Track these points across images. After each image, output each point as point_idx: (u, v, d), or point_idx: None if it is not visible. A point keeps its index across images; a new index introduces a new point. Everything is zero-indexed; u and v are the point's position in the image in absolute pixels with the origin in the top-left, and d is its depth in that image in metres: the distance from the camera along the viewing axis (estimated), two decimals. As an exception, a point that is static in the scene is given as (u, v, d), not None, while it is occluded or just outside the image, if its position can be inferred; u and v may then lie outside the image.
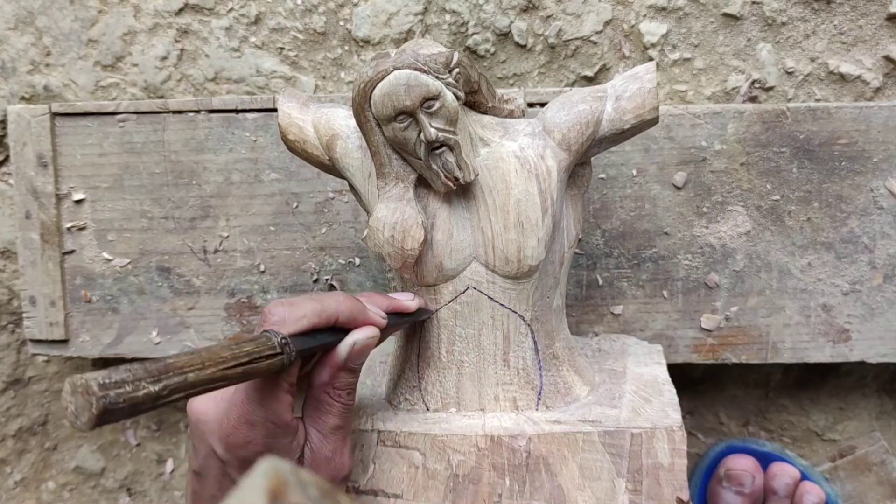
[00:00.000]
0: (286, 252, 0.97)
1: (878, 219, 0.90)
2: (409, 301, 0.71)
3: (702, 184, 0.92)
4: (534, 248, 0.68)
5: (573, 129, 0.69)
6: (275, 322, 0.59)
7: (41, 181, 0.97)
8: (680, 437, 0.67)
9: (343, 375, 0.63)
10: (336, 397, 0.63)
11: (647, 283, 0.93)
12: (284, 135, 0.74)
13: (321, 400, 0.63)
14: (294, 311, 0.60)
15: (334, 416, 0.64)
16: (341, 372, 0.63)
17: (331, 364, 0.63)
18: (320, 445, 0.63)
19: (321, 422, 0.64)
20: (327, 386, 0.63)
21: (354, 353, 0.63)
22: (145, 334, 0.99)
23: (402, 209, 0.67)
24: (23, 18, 1.04)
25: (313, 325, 0.60)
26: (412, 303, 0.71)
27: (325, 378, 0.63)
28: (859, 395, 1.02)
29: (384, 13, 0.99)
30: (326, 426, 0.63)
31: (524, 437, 0.68)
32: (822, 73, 0.96)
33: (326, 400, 0.63)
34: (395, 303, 0.69)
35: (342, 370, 0.63)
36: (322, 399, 0.63)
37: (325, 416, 0.63)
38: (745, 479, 0.93)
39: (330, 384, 0.63)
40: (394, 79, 0.63)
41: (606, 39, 0.98)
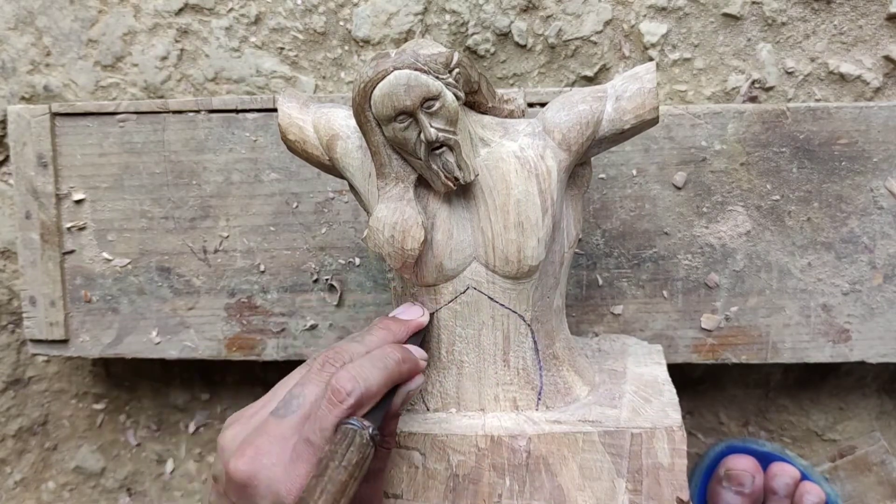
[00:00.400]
0: (286, 252, 0.97)
1: (878, 219, 0.90)
2: (422, 317, 0.71)
3: (702, 184, 0.92)
4: (534, 248, 0.68)
5: (573, 129, 0.69)
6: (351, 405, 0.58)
7: (41, 181, 0.97)
8: (680, 437, 0.67)
9: (393, 423, 0.65)
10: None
11: (647, 283, 0.93)
12: (284, 135, 0.74)
13: None
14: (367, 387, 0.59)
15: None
16: (393, 420, 0.64)
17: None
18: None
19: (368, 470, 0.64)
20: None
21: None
22: (145, 334, 0.99)
23: (402, 209, 0.67)
24: (23, 18, 1.04)
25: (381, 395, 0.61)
26: (424, 318, 0.71)
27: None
28: (859, 395, 1.02)
29: (384, 13, 0.99)
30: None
31: (524, 437, 0.68)
32: (822, 73, 0.96)
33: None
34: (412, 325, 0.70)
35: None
36: None
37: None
38: (745, 479, 0.93)
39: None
40: (394, 79, 0.63)
41: (606, 39, 0.98)
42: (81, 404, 1.14)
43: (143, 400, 1.13)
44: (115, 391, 1.13)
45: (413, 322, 0.70)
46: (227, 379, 1.11)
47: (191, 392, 1.11)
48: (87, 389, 1.13)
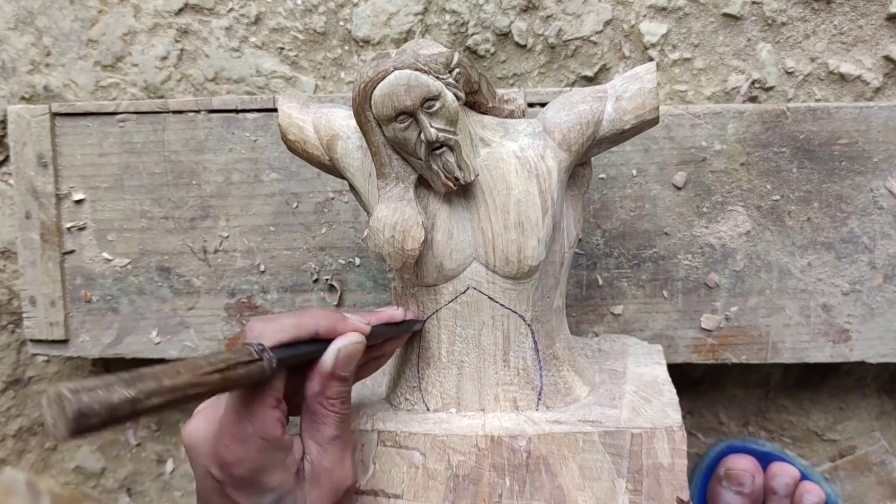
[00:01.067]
0: (286, 252, 0.97)
1: (878, 219, 0.90)
2: (395, 311, 0.71)
3: (702, 184, 0.92)
4: (534, 248, 0.68)
5: (573, 129, 0.69)
6: (254, 337, 0.59)
7: (41, 181, 0.97)
8: (680, 438, 0.67)
9: (333, 384, 0.63)
10: (329, 407, 0.63)
11: (647, 283, 0.93)
12: (285, 135, 0.74)
13: (315, 411, 0.64)
14: (272, 325, 0.60)
15: (330, 427, 0.64)
16: (331, 381, 0.63)
17: (319, 373, 0.63)
18: (319, 457, 0.63)
19: (318, 433, 0.64)
20: (319, 396, 0.63)
21: (340, 359, 0.63)
22: (145, 334, 0.99)
23: (402, 209, 0.67)
24: (23, 18, 1.04)
25: (292, 336, 0.61)
26: (398, 312, 0.71)
27: (316, 388, 0.63)
28: (859, 395, 1.02)
29: (384, 13, 0.99)
30: (324, 437, 0.63)
31: (524, 438, 0.68)
32: (822, 73, 0.96)
33: (320, 410, 0.63)
34: (379, 314, 0.70)
35: (331, 379, 0.63)
36: (316, 410, 0.63)
37: (321, 427, 0.63)
38: (745, 478, 0.93)
39: (322, 394, 0.63)
40: (394, 79, 0.63)
41: (606, 39, 0.98)
42: (81, 404, 1.13)
43: (143, 400, 1.12)
44: (115, 391, 1.13)
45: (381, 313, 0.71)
46: (227, 379, 1.10)
47: (191, 392, 1.11)
48: (87, 389, 1.13)
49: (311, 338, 0.62)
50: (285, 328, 0.60)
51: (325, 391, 0.63)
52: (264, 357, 0.57)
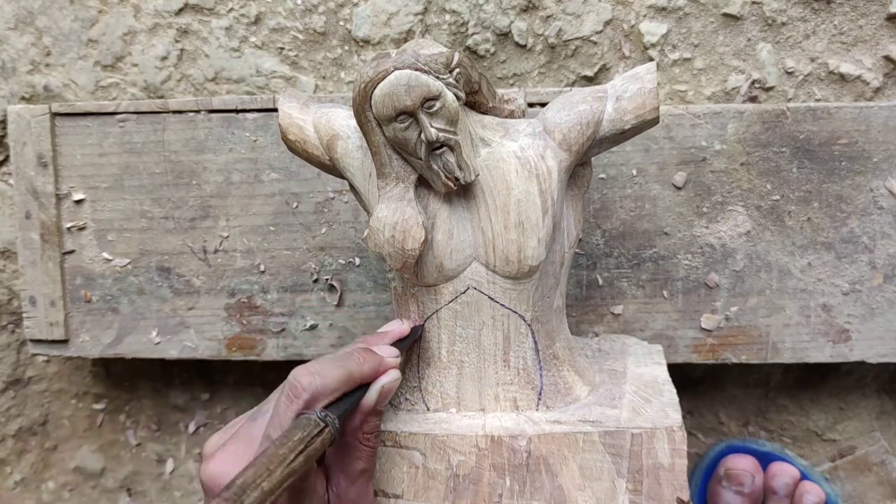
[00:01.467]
0: (286, 252, 0.97)
1: (878, 219, 0.90)
2: (402, 327, 0.72)
3: (702, 184, 0.92)
4: (534, 248, 0.68)
5: (574, 129, 0.69)
6: (307, 399, 0.59)
7: (41, 181, 0.97)
8: (680, 438, 0.67)
9: (371, 420, 0.64)
10: (365, 441, 0.64)
11: (647, 283, 0.93)
12: (285, 135, 0.74)
13: (351, 446, 0.64)
14: (324, 382, 0.60)
15: (362, 461, 0.64)
16: (370, 416, 0.64)
17: (361, 411, 0.63)
18: (347, 490, 0.64)
19: (349, 467, 0.64)
20: (357, 431, 0.64)
21: (383, 396, 0.64)
22: (145, 334, 0.99)
23: (402, 209, 0.67)
24: (23, 18, 1.04)
25: (343, 393, 0.62)
26: (404, 327, 0.72)
27: (356, 424, 0.63)
28: (859, 395, 1.02)
29: (384, 13, 0.99)
30: (354, 471, 0.64)
31: (524, 438, 0.68)
32: (822, 73, 0.96)
33: (356, 445, 0.64)
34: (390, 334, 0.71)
35: (371, 414, 0.64)
36: (352, 445, 0.64)
37: (353, 462, 0.64)
38: (745, 478, 0.93)
39: (360, 429, 0.64)
40: (394, 79, 0.63)
41: (606, 39, 0.98)
42: (81, 404, 1.14)
43: (143, 400, 1.13)
44: (115, 391, 1.13)
45: (391, 332, 0.71)
46: (227, 379, 1.11)
47: (191, 392, 1.11)
48: (87, 389, 1.13)
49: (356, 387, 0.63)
50: (338, 386, 0.61)
51: (363, 427, 0.64)
52: (329, 424, 0.57)
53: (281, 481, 0.51)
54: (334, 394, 0.61)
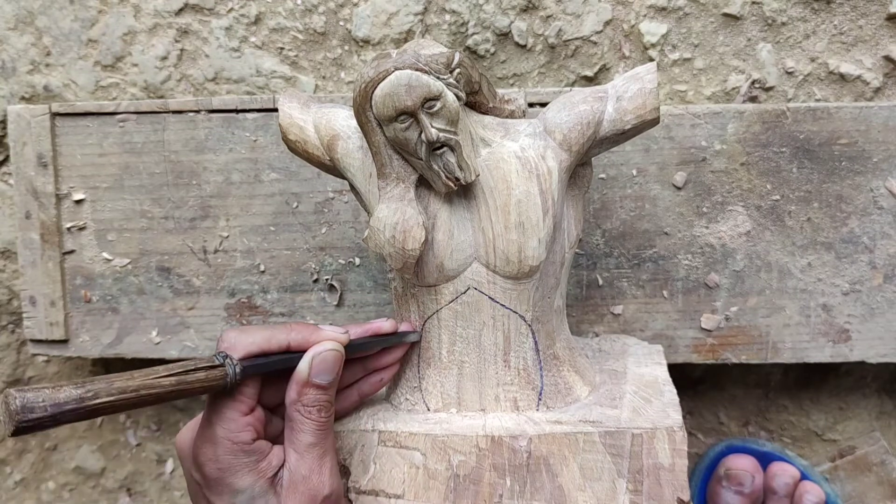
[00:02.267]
0: (286, 252, 0.97)
1: (878, 219, 0.90)
2: (383, 323, 0.72)
3: (702, 184, 0.92)
4: (535, 248, 0.68)
5: (574, 129, 0.69)
6: (225, 347, 0.62)
7: (41, 181, 0.97)
8: (681, 438, 0.67)
9: (310, 391, 0.64)
10: (306, 414, 0.64)
11: (647, 283, 0.93)
12: (285, 135, 0.74)
13: (292, 418, 0.65)
14: (244, 336, 0.63)
15: (307, 434, 0.64)
16: (307, 388, 0.64)
17: (295, 381, 0.64)
18: (297, 465, 0.64)
19: (296, 441, 0.64)
20: (296, 403, 0.64)
21: (315, 367, 0.65)
22: (145, 334, 0.99)
23: (403, 209, 0.67)
24: (23, 18, 1.04)
25: (262, 348, 0.63)
26: (386, 324, 0.72)
27: (293, 396, 0.64)
28: (859, 395, 1.02)
29: (384, 13, 0.99)
30: (301, 444, 0.64)
31: (525, 438, 0.68)
32: (822, 73, 0.96)
33: (297, 418, 0.64)
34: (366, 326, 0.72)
35: (307, 386, 0.64)
36: (293, 417, 0.65)
37: (298, 435, 0.64)
38: (745, 478, 0.93)
39: (298, 401, 0.64)
40: (395, 79, 0.63)
41: (606, 39, 0.98)
42: (81, 404, 1.13)
43: (143, 400, 1.13)
44: (115, 391, 1.13)
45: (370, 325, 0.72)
46: (227, 379, 1.10)
47: (191, 392, 1.11)
48: (87, 389, 1.13)
49: (282, 349, 0.65)
50: (256, 340, 0.63)
51: (301, 398, 0.64)
52: (227, 364, 0.59)
53: (137, 387, 0.51)
54: (250, 346, 0.62)
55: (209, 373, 0.57)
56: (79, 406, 0.47)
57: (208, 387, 0.58)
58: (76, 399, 0.47)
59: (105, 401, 0.49)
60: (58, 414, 0.47)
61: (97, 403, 0.48)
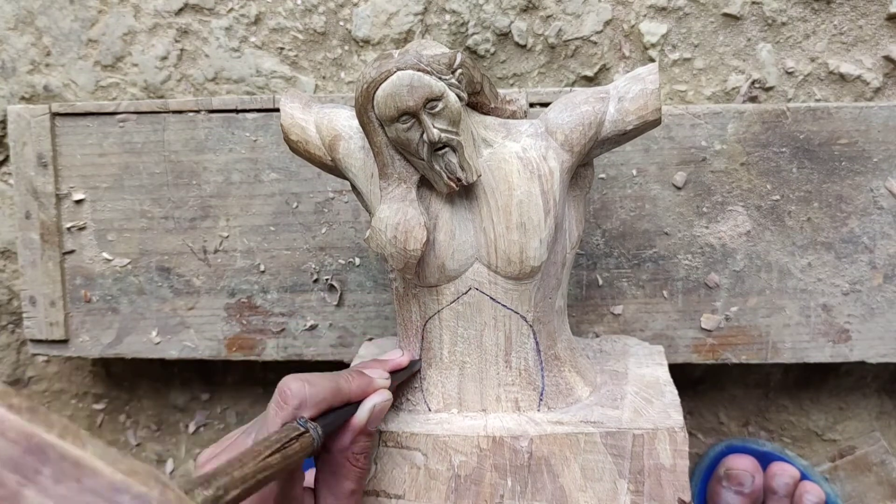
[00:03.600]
0: (286, 252, 0.97)
1: (878, 219, 0.91)
2: (401, 357, 0.73)
3: (702, 184, 0.92)
4: (536, 248, 0.68)
5: (576, 130, 0.69)
6: (295, 406, 0.60)
7: (41, 181, 0.97)
8: (682, 439, 0.67)
9: (362, 440, 0.65)
10: (354, 461, 0.64)
11: (647, 283, 0.94)
12: (287, 135, 0.74)
13: (340, 464, 0.64)
14: (312, 391, 0.61)
15: (352, 481, 0.64)
16: (361, 436, 0.64)
17: (351, 429, 0.64)
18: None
19: (338, 487, 0.64)
20: (346, 451, 0.64)
21: (374, 416, 0.65)
22: (145, 334, 0.99)
23: (404, 210, 0.67)
24: (23, 18, 1.04)
25: (330, 406, 0.62)
26: (403, 358, 0.73)
27: (346, 443, 0.64)
28: (859, 395, 1.02)
29: (384, 13, 0.99)
30: (343, 491, 0.64)
31: (526, 438, 0.68)
32: (822, 73, 0.96)
33: (345, 465, 0.64)
34: (390, 364, 0.71)
35: (361, 434, 0.64)
36: (341, 464, 0.64)
37: (342, 481, 0.64)
38: (745, 478, 0.93)
39: (349, 449, 0.64)
40: (397, 79, 0.63)
41: (606, 39, 0.98)
42: (81, 404, 1.14)
43: (143, 400, 1.13)
44: (115, 391, 1.13)
45: (389, 361, 0.72)
46: (227, 379, 1.11)
47: (191, 392, 1.11)
48: (87, 389, 1.13)
49: (345, 403, 0.64)
50: (325, 397, 0.61)
51: (353, 447, 0.64)
52: (310, 430, 0.58)
53: (253, 473, 0.51)
54: (321, 404, 0.61)
55: (302, 443, 0.57)
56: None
57: (304, 455, 0.57)
58: (211, 500, 0.47)
59: (233, 495, 0.49)
60: None
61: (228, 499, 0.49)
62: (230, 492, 0.49)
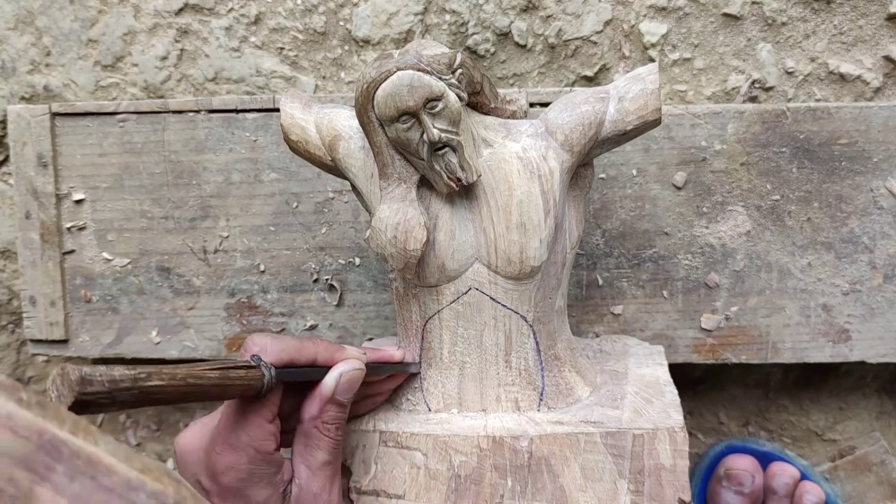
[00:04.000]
0: (286, 252, 0.97)
1: (878, 219, 0.91)
2: (394, 352, 0.72)
3: (702, 184, 0.92)
4: (536, 248, 0.68)
5: (576, 130, 0.69)
6: (256, 350, 0.61)
7: (41, 181, 0.97)
8: (682, 439, 0.67)
9: (331, 409, 0.64)
10: (325, 431, 0.64)
11: (647, 283, 0.94)
12: (287, 135, 0.74)
13: (310, 434, 0.64)
14: (275, 342, 0.61)
15: (323, 451, 0.64)
16: (329, 405, 0.64)
17: (319, 397, 0.64)
18: (309, 481, 0.64)
19: (310, 457, 0.64)
20: (316, 419, 0.64)
21: (341, 384, 0.64)
22: (145, 334, 0.99)
23: (404, 210, 0.67)
24: (23, 18, 1.03)
25: (292, 357, 0.62)
26: (397, 353, 0.72)
27: (314, 412, 0.64)
28: (859, 395, 1.02)
29: (384, 13, 0.99)
30: (315, 461, 0.64)
31: (526, 438, 0.68)
32: (822, 73, 0.96)
33: (315, 434, 0.64)
34: (379, 353, 0.71)
35: (330, 403, 0.64)
36: (311, 433, 0.64)
37: (314, 451, 0.64)
38: (745, 478, 0.93)
39: (318, 418, 0.64)
40: (397, 79, 0.63)
41: (606, 39, 0.98)
42: (81, 404, 1.13)
43: (143, 400, 1.12)
44: (115, 391, 1.13)
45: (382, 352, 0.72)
46: (226, 379, 1.10)
47: (191, 392, 1.11)
48: (87, 389, 1.13)
49: (310, 363, 0.64)
50: (287, 348, 0.62)
51: (322, 415, 0.64)
52: (263, 368, 0.58)
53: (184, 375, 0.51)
54: (281, 354, 0.61)
55: (248, 372, 0.57)
56: (132, 386, 0.47)
57: (246, 387, 0.57)
58: (130, 378, 0.47)
59: (156, 384, 0.49)
60: (114, 391, 0.46)
61: (149, 386, 0.48)
62: (153, 379, 0.48)
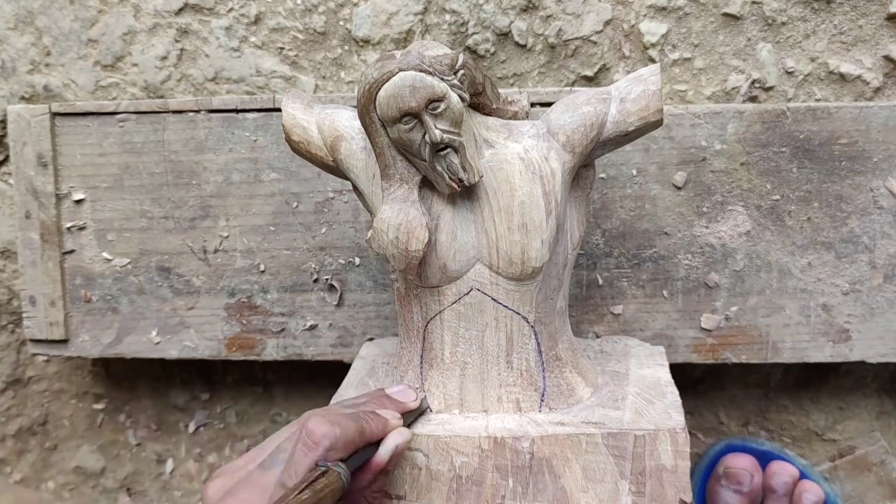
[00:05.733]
0: (286, 252, 0.97)
1: (878, 219, 0.91)
2: (413, 402, 0.72)
3: (702, 184, 0.92)
4: (538, 249, 0.68)
5: (577, 130, 0.69)
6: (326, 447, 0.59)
7: (41, 181, 0.97)
8: (683, 440, 0.67)
9: (381, 478, 0.65)
10: (372, 500, 0.65)
11: (647, 282, 0.94)
12: (289, 136, 0.74)
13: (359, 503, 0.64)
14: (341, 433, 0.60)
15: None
16: (379, 475, 0.64)
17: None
18: None
19: None
20: (366, 490, 0.64)
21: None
22: (145, 334, 0.99)
23: (406, 210, 0.67)
24: (23, 18, 1.03)
25: (356, 447, 0.62)
26: (414, 403, 0.72)
27: (365, 483, 0.64)
28: (859, 395, 1.02)
29: (384, 13, 0.99)
30: None
31: (527, 439, 0.68)
32: (822, 73, 0.96)
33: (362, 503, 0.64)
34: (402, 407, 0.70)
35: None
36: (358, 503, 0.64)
37: None
38: (744, 477, 0.93)
39: (368, 488, 0.64)
40: (399, 80, 0.63)
41: (606, 39, 0.98)
42: (81, 404, 1.14)
43: (143, 400, 1.13)
44: (115, 391, 1.13)
45: (404, 404, 0.71)
46: (226, 379, 1.11)
47: (190, 392, 1.11)
48: (87, 389, 1.13)
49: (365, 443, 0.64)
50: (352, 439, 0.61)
51: (372, 486, 0.64)
52: (337, 470, 0.58)
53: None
54: (349, 446, 0.61)
55: (333, 488, 0.57)
56: None
57: (333, 498, 0.57)
58: None
59: None
60: None
61: None
62: None
